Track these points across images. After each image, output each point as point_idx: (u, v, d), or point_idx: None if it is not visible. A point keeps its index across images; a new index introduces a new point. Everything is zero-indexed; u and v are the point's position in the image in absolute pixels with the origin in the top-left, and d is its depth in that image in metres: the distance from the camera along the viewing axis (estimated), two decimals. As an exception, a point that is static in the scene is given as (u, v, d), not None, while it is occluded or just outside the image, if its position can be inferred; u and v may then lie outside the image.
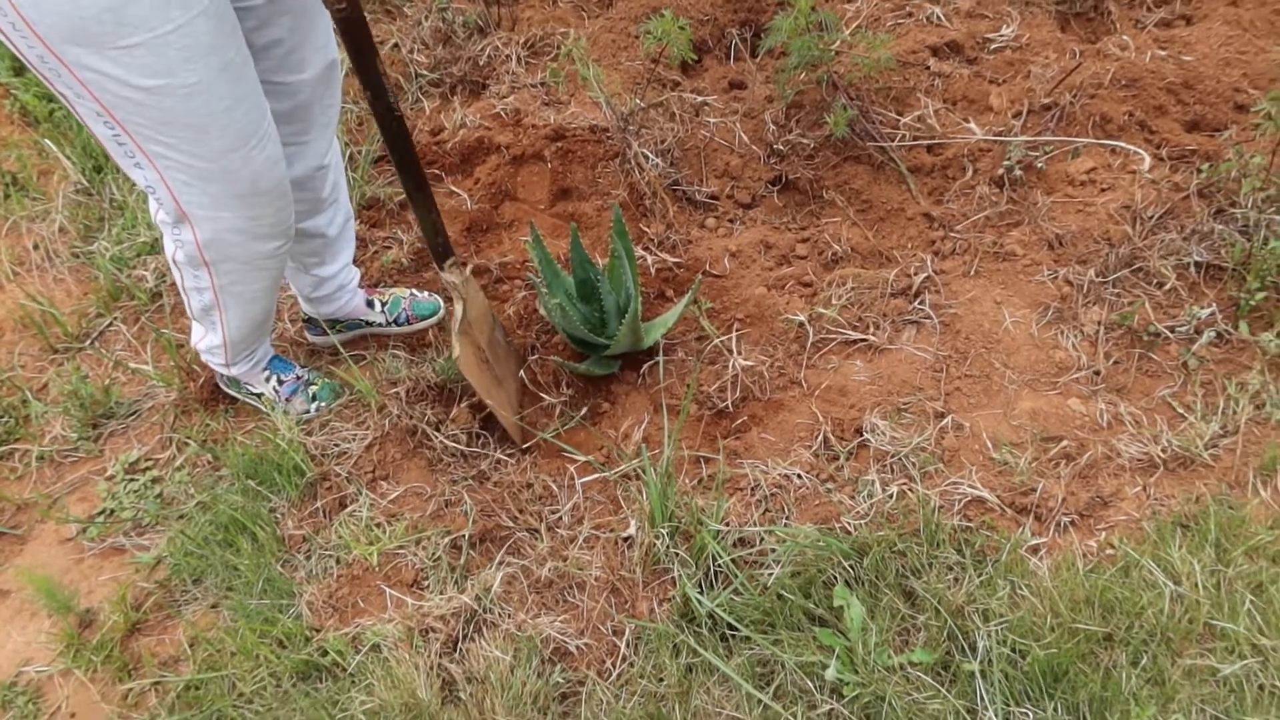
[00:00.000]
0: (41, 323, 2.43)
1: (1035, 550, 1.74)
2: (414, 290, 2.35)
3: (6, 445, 2.22)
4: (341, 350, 2.21)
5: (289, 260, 2.12)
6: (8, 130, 3.07)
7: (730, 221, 2.51)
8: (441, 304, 2.34)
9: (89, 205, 2.72)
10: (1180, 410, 1.93)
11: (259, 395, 2.17)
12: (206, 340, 2.04)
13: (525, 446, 2.06)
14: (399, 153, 1.73)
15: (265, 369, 2.16)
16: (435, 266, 1.93)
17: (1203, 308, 2.02)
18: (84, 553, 2.03)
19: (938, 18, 2.77)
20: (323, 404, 2.17)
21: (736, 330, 2.18)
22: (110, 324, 2.48)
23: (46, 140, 2.86)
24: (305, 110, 1.84)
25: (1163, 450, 1.85)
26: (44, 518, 2.09)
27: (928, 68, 2.64)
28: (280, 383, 2.15)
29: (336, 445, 2.08)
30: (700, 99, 2.72)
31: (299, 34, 1.70)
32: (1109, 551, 1.72)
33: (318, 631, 1.78)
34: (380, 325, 2.31)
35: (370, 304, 2.30)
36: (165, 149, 1.53)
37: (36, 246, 2.66)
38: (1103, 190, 2.30)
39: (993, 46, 2.71)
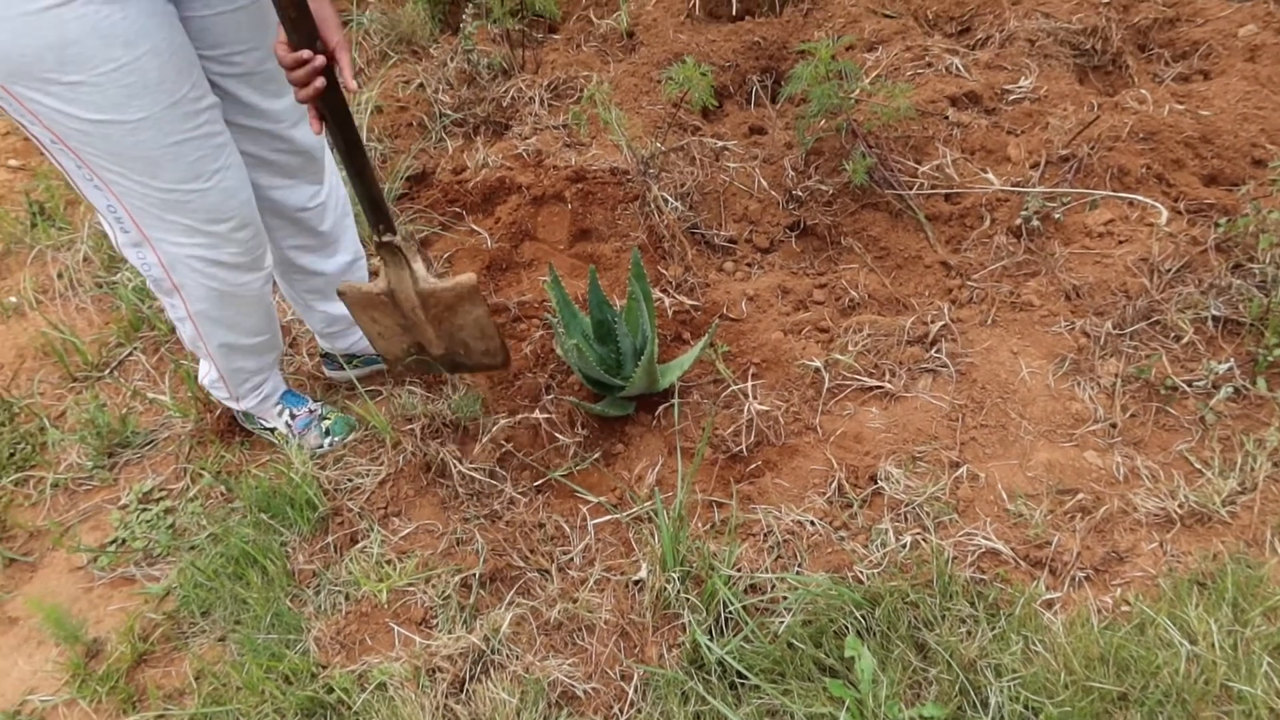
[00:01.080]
0: (62, 351, 2.46)
1: (1049, 605, 1.71)
2: None
3: (22, 472, 2.23)
4: (358, 385, 2.22)
5: (298, 298, 2.14)
6: (38, 161, 3.13)
7: (748, 266, 2.53)
8: None
9: (114, 236, 2.76)
10: (1198, 466, 1.91)
11: (272, 430, 2.18)
12: (210, 375, 2.06)
13: (538, 484, 2.05)
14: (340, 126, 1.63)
15: (278, 403, 2.17)
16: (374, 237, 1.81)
17: (1220, 362, 2.01)
18: (94, 582, 2.03)
19: (957, 69, 2.80)
20: (336, 438, 2.18)
21: (752, 374, 2.18)
22: (130, 354, 2.50)
23: (75, 171, 2.91)
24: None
25: (1180, 506, 1.84)
26: (55, 545, 2.10)
27: (946, 117, 2.66)
28: (293, 417, 2.16)
29: (350, 480, 2.09)
30: (720, 144, 2.75)
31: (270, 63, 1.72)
32: (1124, 608, 1.70)
33: (324, 668, 1.77)
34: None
35: None
36: (118, 176, 1.55)
37: (60, 275, 2.69)
38: (1120, 242, 2.31)
39: (1011, 98, 2.73)
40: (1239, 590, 1.66)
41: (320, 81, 1.47)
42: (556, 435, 2.13)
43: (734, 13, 3.27)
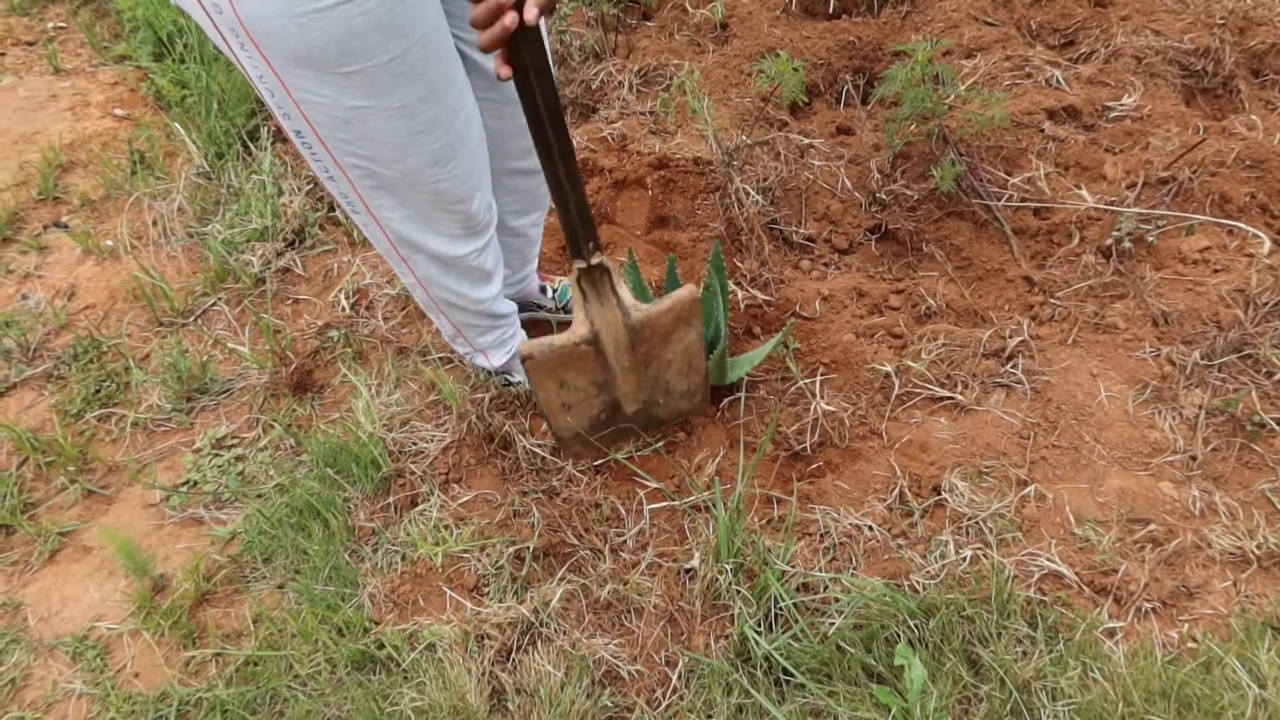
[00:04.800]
0: (151, 295, 2.54)
1: (1111, 634, 1.67)
2: None
3: (106, 409, 2.32)
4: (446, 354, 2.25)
5: None
6: (142, 111, 3.23)
7: (825, 265, 2.50)
8: None
9: (208, 188, 2.84)
10: (1280, 507, 1.84)
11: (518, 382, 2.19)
12: (448, 331, 2.07)
13: (597, 464, 2.06)
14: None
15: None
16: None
17: (1314, 403, 1.93)
18: (164, 520, 2.10)
19: (1057, 81, 2.73)
20: None
21: (821, 374, 2.16)
22: (214, 304, 2.58)
23: (176, 124, 3.00)
24: None
25: (1258, 546, 1.77)
26: (132, 481, 2.17)
27: (1042, 130, 2.60)
28: None
29: (415, 444, 2.12)
30: (807, 141, 2.73)
31: None
32: (1190, 645, 1.64)
33: (376, 624, 1.81)
34: (550, 310, 2.34)
35: (542, 289, 2.33)
36: (359, 160, 1.56)
37: (155, 223, 2.78)
38: (1216, 271, 2.23)
39: (1112, 115, 2.65)
40: (1314, 638, 1.60)
41: (510, 19, 1.32)
42: (620, 418, 2.14)
43: (830, 10, 3.23)
